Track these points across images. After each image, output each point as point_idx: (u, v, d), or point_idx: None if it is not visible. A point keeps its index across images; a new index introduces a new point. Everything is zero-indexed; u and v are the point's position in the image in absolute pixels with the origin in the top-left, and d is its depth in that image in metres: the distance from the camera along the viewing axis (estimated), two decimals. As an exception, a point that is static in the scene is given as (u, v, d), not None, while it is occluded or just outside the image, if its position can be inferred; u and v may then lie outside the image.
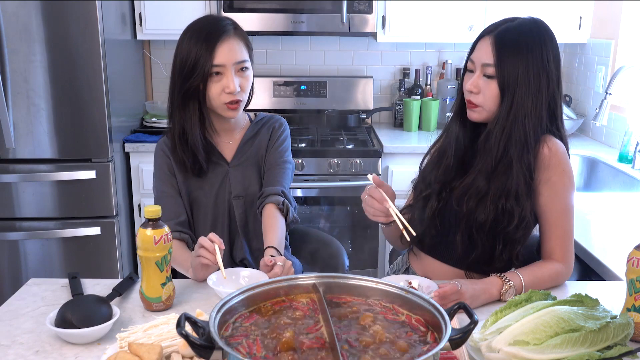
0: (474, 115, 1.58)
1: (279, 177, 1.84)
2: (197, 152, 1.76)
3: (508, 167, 1.51)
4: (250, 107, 1.86)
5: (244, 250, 1.85)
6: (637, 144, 2.72)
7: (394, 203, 1.49)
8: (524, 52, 1.49)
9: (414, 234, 1.44)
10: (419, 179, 1.70)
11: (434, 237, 1.64)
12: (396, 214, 1.46)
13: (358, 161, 3.02)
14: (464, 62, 1.61)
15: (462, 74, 1.63)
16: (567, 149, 1.59)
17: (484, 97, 1.54)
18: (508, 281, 1.47)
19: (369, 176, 1.49)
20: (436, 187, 1.62)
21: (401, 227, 1.44)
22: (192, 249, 1.65)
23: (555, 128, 1.57)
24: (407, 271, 1.78)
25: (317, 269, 1.96)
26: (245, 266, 1.78)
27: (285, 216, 1.79)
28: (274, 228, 1.73)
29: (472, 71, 1.57)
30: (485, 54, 1.52)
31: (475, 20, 3.23)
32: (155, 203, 1.80)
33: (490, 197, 1.52)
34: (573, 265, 1.57)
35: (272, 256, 1.59)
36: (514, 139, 1.51)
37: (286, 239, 1.90)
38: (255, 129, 1.88)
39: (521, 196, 1.51)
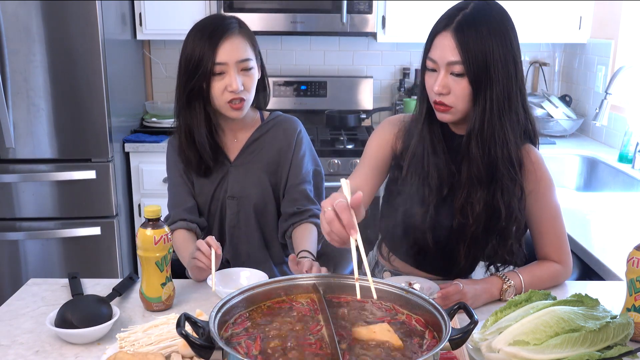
0: (446, 117, 1.45)
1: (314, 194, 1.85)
2: (204, 151, 1.75)
3: (494, 166, 1.44)
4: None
5: (230, 252, 1.85)
6: (637, 144, 2.72)
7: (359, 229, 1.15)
8: (488, 41, 1.37)
9: (375, 297, 1.12)
10: (398, 193, 1.56)
11: (425, 250, 1.57)
12: (360, 258, 1.12)
13: (358, 161, 3.01)
14: (422, 60, 1.48)
15: (421, 74, 1.49)
16: (538, 139, 1.54)
17: (455, 97, 1.41)
18: (508, 280, 1.47)
19: (343, 181, 1.17)
20: (432, 201, 1.50)
21: (356, 276, 1.12)
22: (202, 238, 1.66)
23: (527, 119, 1.48)
24: (376, 265, 1.78)
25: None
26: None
27: (319, 230, 1.81)
28: (309, 237, 1.74)
29: (434, 70, 1.44)
30: (450, 51, 1.39)
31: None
32: (169, 193, 1.85)
33: (488, 201, 1.47)
34: (572, 264, 1.57)
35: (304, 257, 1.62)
36: (495, 137, 1.41)
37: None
38: (264, 129, 1.84)
39: (506, 193, 1.45)
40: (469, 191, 1.47)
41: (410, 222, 1.54)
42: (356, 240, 1.13)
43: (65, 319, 1.28)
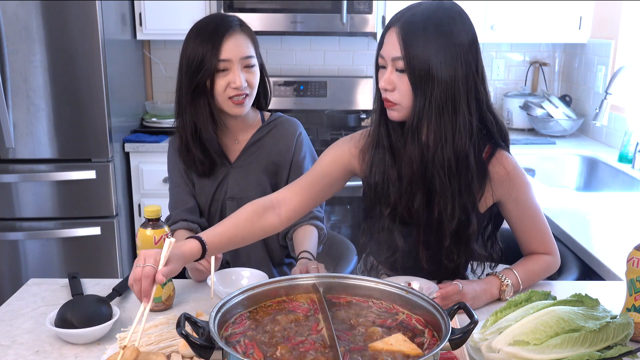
0: (393, 114, 1.43)
1: None
2: (211, 147, 1.75)
3: (427, 167, 1.41)
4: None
5: (230, 253, 1.84)
6: (637, 144, 2.72)
7: None
8: (433, 39, 1.34)
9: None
10: (372, 197, 1.53)
11: (400, 254, 1.54)
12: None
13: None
14: (375, 57, 1.46)
15: (375, 71, 1.48)
16: (508, 140, 1.50)
17: (400, 93, 1.39)
18: (505, 279, 1.47)
19: (167, 242, 1.25)
20: (394, 203, 1.48)
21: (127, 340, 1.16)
22: None
23: (482, 118, 1.43)
24: (372, 269, 1.77)
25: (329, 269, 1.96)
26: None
27: (319, 233, 1.81)
28: (309, 238, 1.75)
29: (384, 67, 1.42)
30: (393, 47, 1.37)
31: (475, 20, 3.22)
32: (170, 194, 1.85)
33: (425, 202, 1.44)
34: (558, 251, 1.57)
35: (307, 259, 1.63)
36: (429, 138, 1.39)
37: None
38: (265, 131, 1.83)
39: (439, 196, 1.42)
40: (412, 190, 1.45)
41: (381, 226, 1.52)
42: (144, 308, 1.20)
43: (65, 319, 1.28)
